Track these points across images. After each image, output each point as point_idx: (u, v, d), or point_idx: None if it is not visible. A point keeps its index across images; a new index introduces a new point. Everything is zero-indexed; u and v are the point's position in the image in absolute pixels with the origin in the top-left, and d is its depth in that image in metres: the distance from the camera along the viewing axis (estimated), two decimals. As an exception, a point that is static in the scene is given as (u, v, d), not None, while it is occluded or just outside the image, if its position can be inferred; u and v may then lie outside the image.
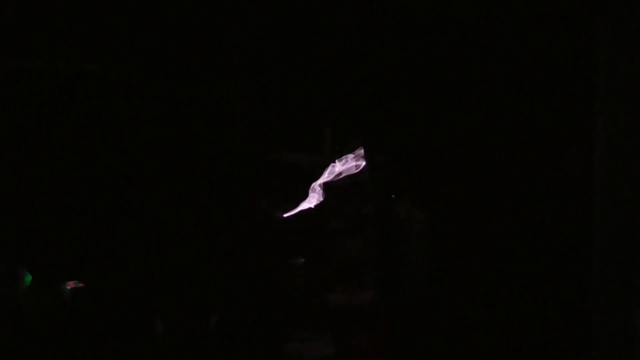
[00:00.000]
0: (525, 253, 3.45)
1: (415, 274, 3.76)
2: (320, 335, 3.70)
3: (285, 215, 3.53)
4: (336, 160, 3.62)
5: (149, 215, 3.53)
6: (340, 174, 3.62)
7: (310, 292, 3.73)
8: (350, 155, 3.64)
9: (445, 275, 3.75)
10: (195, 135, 3.60)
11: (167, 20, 3.43)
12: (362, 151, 3.63)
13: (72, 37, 3.30)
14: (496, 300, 3.56)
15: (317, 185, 3.58)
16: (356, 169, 3.64)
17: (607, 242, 3.14)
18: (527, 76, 3.44)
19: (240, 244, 3.61)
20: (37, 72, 3.31)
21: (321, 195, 3.59)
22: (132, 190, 3.52)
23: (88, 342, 3.18)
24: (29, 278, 3.20)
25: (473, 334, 3.62)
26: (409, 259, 3.77)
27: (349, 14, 3.68)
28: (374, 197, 3.78)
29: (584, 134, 3.22)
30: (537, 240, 3.43)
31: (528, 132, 3.47)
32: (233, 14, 3.54)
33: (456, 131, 3.70)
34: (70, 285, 3.28)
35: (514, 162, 3.52)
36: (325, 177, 3.59)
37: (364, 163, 3.63)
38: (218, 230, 3.62)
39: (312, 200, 3.59)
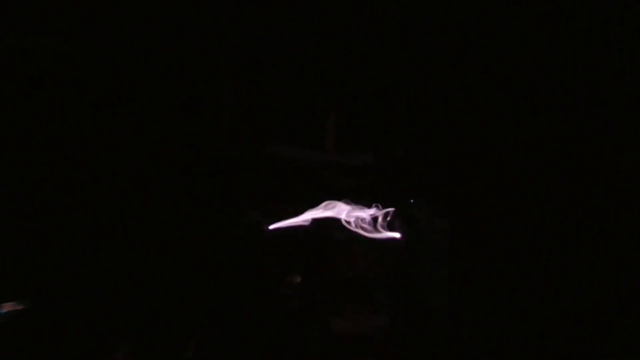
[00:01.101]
0: (573, 270, 2.82)
1: (438, 293, 3.13)
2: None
3: (272, 227, 2.90)
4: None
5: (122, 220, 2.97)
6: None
7: (311, 316, 3.07)
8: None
9: (473, 295, 3.12)
10: (172, 125, 3.05)
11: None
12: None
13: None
14: (535, 327, 2.93)
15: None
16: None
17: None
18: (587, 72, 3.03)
19: (225, 256, 3.00)
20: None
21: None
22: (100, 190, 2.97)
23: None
24: None
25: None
26: (431, 275, 3.14)
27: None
28: (390, 200, 3.10)
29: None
30: (576, 249, 2.92)
31: (576, 127, 3.03)
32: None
33: (490, 121, 3.09)
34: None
35: (559, 163, 3.05)
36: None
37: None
38: (199, 241, 3.03)
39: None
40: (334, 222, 2.99)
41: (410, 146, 3.25)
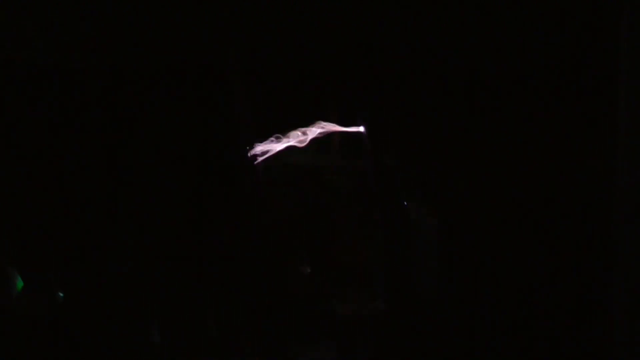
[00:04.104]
0: (545, 257, 3.25)
1: (427, 282, 3.57)
2: (324, 345, 3.49)
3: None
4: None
5: (144, 215, 3.33)
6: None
7: (318, 301, 3.53)
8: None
9: (459, 281, 3.54)
10: (191, 129, 3.39)
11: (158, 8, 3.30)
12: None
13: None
14: (513, 307, 3.32)
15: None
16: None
17: (629, 249, 2.96)
18: (546, 71, 3.28)
19: (242, 244, 3.41)
20: (28, 68, 3.17)
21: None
22: (125, 189, 3.32)
23: (82, 345, 3.05)
24: (20, 284, 3.06)
25: (487, 342, 3.39)
26: (421, 266, 3.58)
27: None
28: (383, 200, 3.56)
29: (605, 132, 3.07)
30: (557, 245, 3.23)
31: (548, 130, 3.34)
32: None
33: (471, 128, 3.50)
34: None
35: (533, 162, 3.38)
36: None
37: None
38: (220, 231, 3.42)
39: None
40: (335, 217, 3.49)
41: (401, 154, 3.68)
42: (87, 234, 3.26)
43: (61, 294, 3.15)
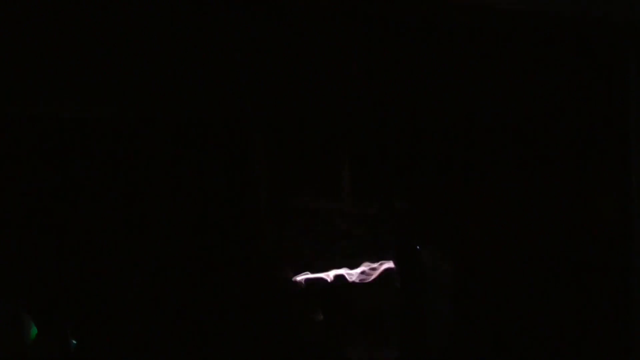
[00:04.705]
0: (561, 306, 3.25)
1: (441, 327, 3.56)
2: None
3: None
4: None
5: (157, 265, 3.33)
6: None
7: (330, 346, 3.51)
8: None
9: (474, 328, 3.54)
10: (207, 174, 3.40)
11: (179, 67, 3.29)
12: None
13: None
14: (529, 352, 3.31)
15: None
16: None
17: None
18: (558, 118, 3.33)
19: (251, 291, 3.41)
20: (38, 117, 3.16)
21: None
22: (140, 236, 3.32)
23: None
24: (34, 331, 3.05)
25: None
26: (435, 311, 3.57)
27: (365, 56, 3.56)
28: (397, 246, 3.56)
29: (620, 178, 3.11)
30: (574, 293, 3.23)
31: (562, 176, 3.33)
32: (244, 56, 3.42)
33: (486, 174, 3.53)
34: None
35: (548, 209, 3.40)
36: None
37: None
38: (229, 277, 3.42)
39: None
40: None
41: (414, 199, 3.69)
42: (102, 282, 3.27)
43: (74, 342, 3.15)
